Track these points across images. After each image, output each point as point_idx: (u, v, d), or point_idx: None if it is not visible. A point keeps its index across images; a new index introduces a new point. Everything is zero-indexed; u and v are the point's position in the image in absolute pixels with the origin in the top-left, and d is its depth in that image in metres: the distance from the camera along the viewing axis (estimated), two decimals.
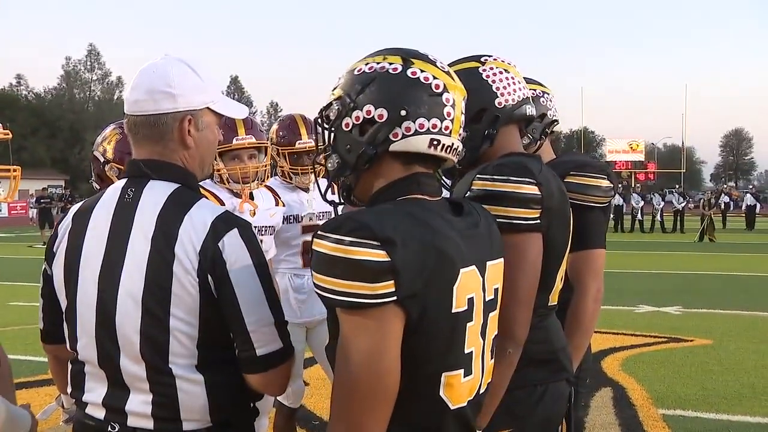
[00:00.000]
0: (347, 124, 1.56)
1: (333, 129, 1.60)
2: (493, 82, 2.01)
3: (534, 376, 1.95)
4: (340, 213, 1.50)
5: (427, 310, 1.39)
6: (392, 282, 1.34)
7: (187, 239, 1.62)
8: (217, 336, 1.66)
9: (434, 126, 1.52)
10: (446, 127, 1.53)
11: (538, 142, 2.51)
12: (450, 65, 1.94)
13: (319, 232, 1.40)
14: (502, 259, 1.65)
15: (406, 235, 1.37)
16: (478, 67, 2.03)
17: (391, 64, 1.55)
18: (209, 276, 1.61)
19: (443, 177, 2.13)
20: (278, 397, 3.89)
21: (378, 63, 1.56)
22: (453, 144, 1.56)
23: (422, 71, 1.54)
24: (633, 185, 40.70)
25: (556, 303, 2.03)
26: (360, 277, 1.34)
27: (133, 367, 1.65)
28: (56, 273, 1.78)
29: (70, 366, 1.80)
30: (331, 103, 1.60)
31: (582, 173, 2.36)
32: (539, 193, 1.83)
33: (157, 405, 1.65)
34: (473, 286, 1.49)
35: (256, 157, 3.52)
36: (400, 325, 1.37)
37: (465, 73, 1.94)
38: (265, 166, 3.56)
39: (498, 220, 1.73)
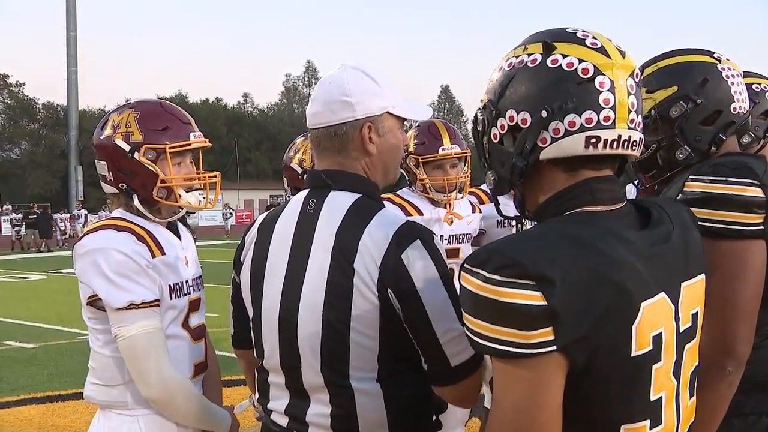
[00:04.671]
0: (495, 135, 1.38)
1: (486, 142, 1.42)
2: (732, 84, 1.85)
3: (757, 405, 1.77)
4: (522, 229, 1.36)
5: (597, 355, 1.16)
6: (550, 329, 1.12)
7: (366, 253, 1.59)
8: (397, 349, 1.63)
9: (588, 120, 1.27)
10: (606, 118, 1.27)
11: (762, 141, 2.29)
12: (678, 53, 1.90)
13: (465, 265, 1.21)
14: (702, 276, 1.39)
15: (568, 268, 1.14)
16: (716, 64, 1.86)
17: (530, 55, 1.33)
18: (390, 290, 1.58)
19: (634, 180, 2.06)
20: (485, 404, 3.85)
21: (517, 57, 1.35)
22: (620, 136, 1.29)
23: (564, 56, 1.29)
24: None
25: None
26: (512, 323, 1.14)
27: (313, 378, 1.66)
28: (243, 282, 1.83)
29: (256, 374, 1.86)
30: (476, 114, 1.44)
31: None
32: (763, 195, 1.66)
33: (336, 417, 1.65)
34: (661, 319, 1.24)
35: (457, 166, 3.49)
36: (561, 375, 1.16)
37: (701, 66, 1.83)
38: (467, 174, 3.53)
39: (715, 225, 1.63)
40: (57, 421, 5.68)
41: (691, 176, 1.73)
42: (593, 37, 1.32)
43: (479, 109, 1.43)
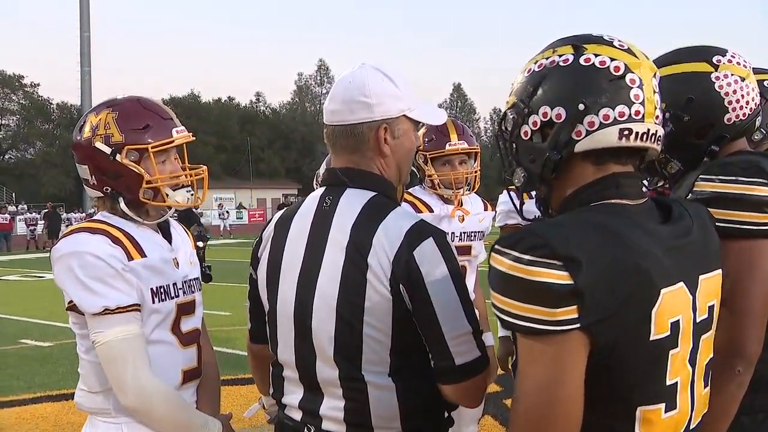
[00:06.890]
0: (526, 133, 1.44)
1: (513, 140, 1.48)
2: (726, 94, 1.77)
3: (766, 403, 1.76)
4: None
5: (618, 337, 1.22)
6: (575, 307, 1.18)
7: (380, 248, 1.62)
8: (409, 344, 1.65)
9: (621, 114, 1.35)
10: (636, 113, 1.36)
11: None
12: (672, 61, 1.84)
13: (496, 246, 1.28)
14: (719, 271, 1.45)
15: (594, 253, 1.20)
16: (710, 73, 1.78)
17: (561, 56, 1.41)
18: (402, 285, 1.60)
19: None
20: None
21: (547, 58, 1.43)
22: (649, 130, 1.38)
23: (596, 55, 1.37)
24: None
25: None
26: (539, 300, 1.20)
27: (327, 372, 1.69)
28: (260, 278, 1.86)
29: (271, 369, 1.88)
30: (505, 113, 1.48)
31: None
32: None
33: (349, 411, 1.67)
34: (679, 307, 1.30)
35: (466, 162, 3.52)
36: (584, 353, 1.21)
37: (692, 78, 1.78)
38: (476, 171, 3.55)
39: (725, 225, 1.62)
40: (73, 419, 5.74)
41: (701, 176, 1.73)
42: (619, 40, 1.41)
43: (508, 109, 1.49)
